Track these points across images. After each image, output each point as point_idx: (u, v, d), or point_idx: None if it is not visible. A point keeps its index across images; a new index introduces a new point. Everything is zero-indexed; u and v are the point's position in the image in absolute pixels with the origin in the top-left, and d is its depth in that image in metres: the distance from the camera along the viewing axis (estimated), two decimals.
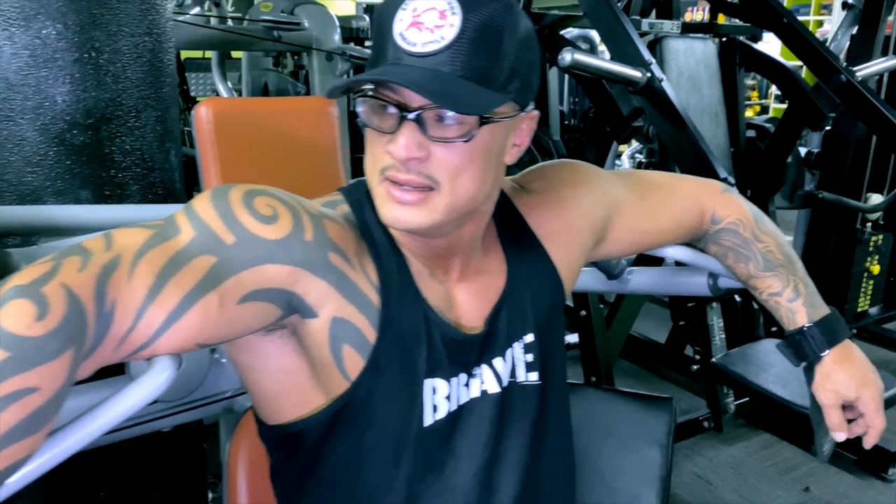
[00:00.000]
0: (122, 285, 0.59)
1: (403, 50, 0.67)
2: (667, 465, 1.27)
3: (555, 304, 0.89)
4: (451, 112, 0.67)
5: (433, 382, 0.79)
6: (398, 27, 0.68)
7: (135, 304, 0.60)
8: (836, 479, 2.36)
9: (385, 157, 0.70)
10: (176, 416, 1.29)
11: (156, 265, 0.61)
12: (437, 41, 0.66)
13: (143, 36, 1.47)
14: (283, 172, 1.19)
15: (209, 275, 0.64)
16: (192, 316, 0.62)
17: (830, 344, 0.95)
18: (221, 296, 0.64)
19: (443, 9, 0.67)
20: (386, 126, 0.70)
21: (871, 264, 3.24)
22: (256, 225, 0.68)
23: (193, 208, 0.68)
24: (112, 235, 0.62)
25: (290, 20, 2.48)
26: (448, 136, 0.68)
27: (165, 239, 0.64)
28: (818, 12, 7.17)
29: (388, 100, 0.68)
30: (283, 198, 0.72)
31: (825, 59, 2.40)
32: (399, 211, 0.71)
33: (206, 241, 0.65)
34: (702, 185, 1.03)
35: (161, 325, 0.61)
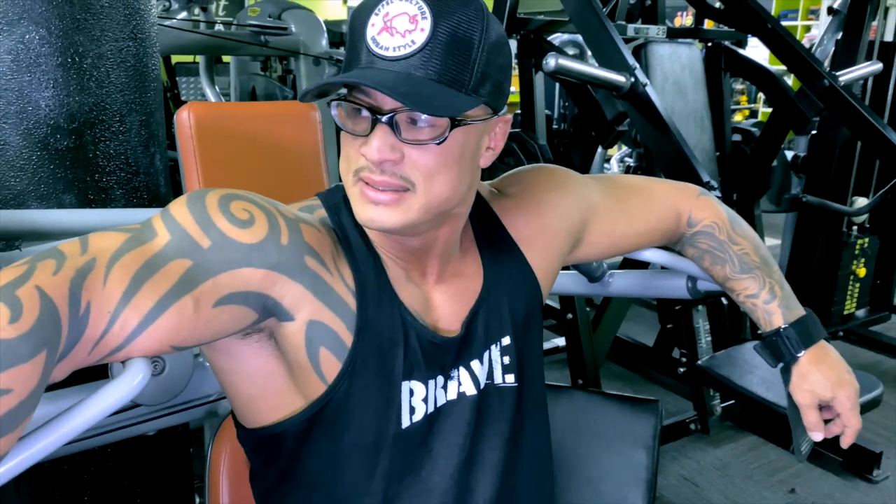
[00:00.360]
0: (96, 288, 0.59)
1: (375, 54, 0.68)
2: (653, 466, 1.27)
3: (532, 306, 0.90)
4: (424, 115, 0.68)
5: (410, 385, 0.80)
6: (370, 32, 0.69)
7: (109, 307, 0.60)
8: (822, 480, 2.38)
9: (359, 158, 0.71)
10: (160, 419, 1.30)
11: (130, 269, 0.62)
12: (408, 45, 0.67)
13: (127, 40, 1.47)
14: (266, 177, 1.20)
15: (184, 278, 0.64)
16: (167, 319, 0.63)
17: (806, 345, 0.97)
18: (197, 299, 0.65)
19: (413, 14, 0.68)
20: (359, 129, 0.70)
21: (857, 267, 3.27)
22: (232, 229, 0.68)
23: (170, 212, 0.69)
24: (88, 239, 0.63)
25: (278, 25, 2.49)
26: (420, 139, 0.69)
27: (141, 242, 0.65)
28: (806, 17, 7.22)
29: (360, 103, 0.69)
30: (260, 202, 0.73)
31: (808, 64, 2.42)
32: (374, 211, 0.71)
33: (181, 245, 0.66)
34: (678, 189, 1.04)
35: (135, 328, 0.61)
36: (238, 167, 1.18)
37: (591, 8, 2.10)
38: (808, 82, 2.42)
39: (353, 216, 0.79)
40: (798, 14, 7.26)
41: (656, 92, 2.08)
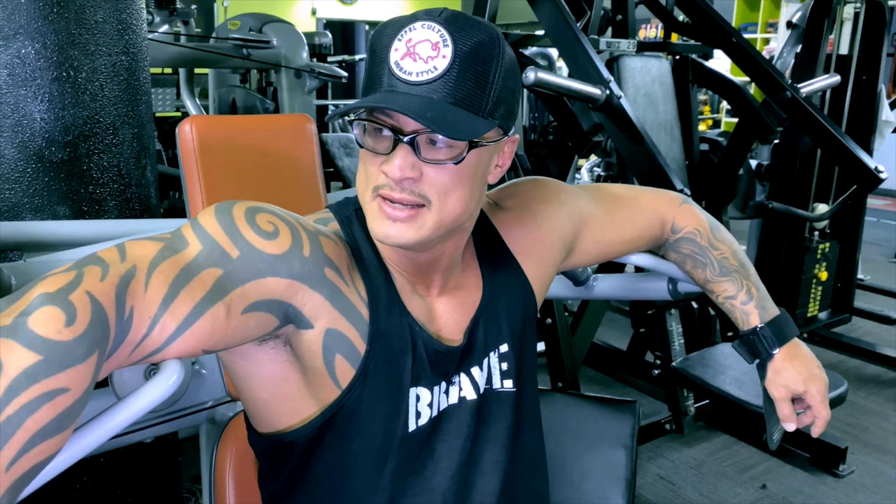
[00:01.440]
0: (139, 294, 0.63)
1: (398, 77, 0.72)
2: (632, 465, 1.32)
3: (528, 315, 0.95)
4: (443, 136, 0.72)
5: (417, 391, 0.84)
6: (394, 56, 0.72)
7: (150, 311, 0.64)
8: (791, 476, 2.47)
9: (379, 176, 0.75)
10: (158, 426, 1.32)
11: (168, 276, 0.66)
12: (430, 71, 0.71)
13: (120, 55, 1.50)
14: (265, 189, 1.23)
15: (216, 286, 0.68)
16: (202, 324, 0.67)
17: (780, 342, 1.03)
18: (228, 306, 0.69)
19: (436, 41, 0.72)
20: (381, 147, 0.74)
21: (819, 271, 3.39)
22: (259, 240, 0.72)
23: (200, 223, 0.73)
24: (125, 247, 0.67)
25: (260, 38, 2.52)
26: (439, 158, 0.73)
27: (175, 251, 0.69)
28: (765, 30, 7.45)
29: (383, 124, 0.74)
30: (283, 215, 0.77)
31: (772, 77, 2.53)
32: (391, 227, 0.75)
33: (212, 255, 0.70)
34: (663, 198, 1.10)
35: (173, 332, 0.65)
36: (239, 179, 1.21)
37: (566, 23, 2.17)
38: (771, 94, 2.52)
39: (364, 229, 0.84)
40: (758, 27, 7.49)
41: (629, 103, 2.15)
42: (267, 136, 1.26)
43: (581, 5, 2.51)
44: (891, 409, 2.96)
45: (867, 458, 2.57)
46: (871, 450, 2.63)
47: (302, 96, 2.58)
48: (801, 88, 2.55)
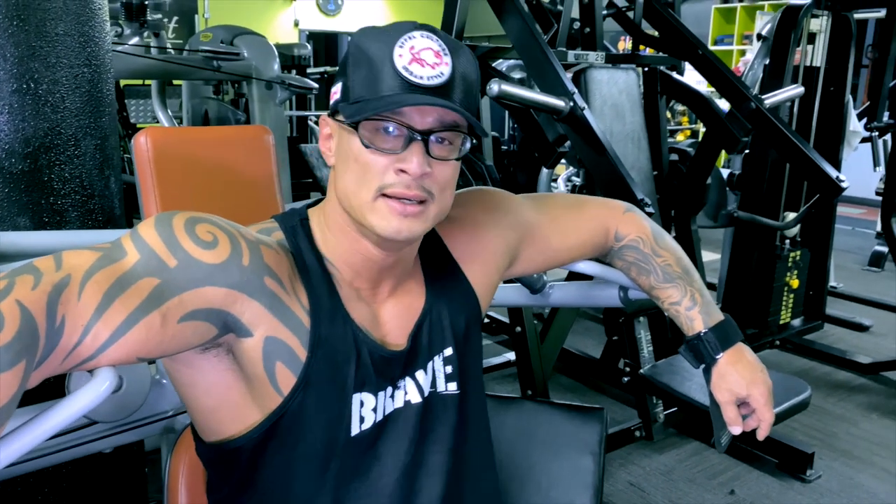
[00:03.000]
0: (71, 303, 0.64)
1: (410, 81, 0.76)
2: (599, 472, 1.33)
3: (471, 320, 0.97)
4: (446, 134, 0.79)
5: (361, 396, 0.86)
6: (399, 62, 0.77)
7: (83, 320, 0.65)
8: (759, 481, 2.50)
9: (387, 175, 0.78)
10: (117, 436, 1.32)
11: (103, 285, 0.67)
12: (439, 76, 0.77)
13: (82, 67, 1.51)
14: (222, 199, 1.25)
15: (153, 295, 0.70)
16: (136, 333, 0.68)
17: (724, 347, 1.05)
18: (164, 315, 0.70)
19: (437, 49, 0.78)
20: (390, 146, 0.78)
21: (790, 279, 3.44)
22: (197, 250, 0.74)
23: (139, 233, 0.74)
24: (62, 256, 0.68)
25: (230, 50, 2.53)
26: (445, 156, 0.80)
27: (112, 261, 0.70)
28: (741, 42, 7.56)
29: (400, 122, 0.78)
30: (223, 225, 0.79)
31: (736, 88, 2.58)
32: (402, 223, 0.79)
33: (150, 264, 0.71)
34: (606, 206, 1.13)
35: (106, 339, 0.67)
36: (195, 190, 1.22)
37: (532, 36, 2.21)
38: (736, 105, 2.57)
39: (309, 239, 0.86)
40: (733, 39, 7.60)
41: (595, 115, 2.19)
42: (224, 148, 1.27)
43: (549, 19, 2.56)
44: (859, 414, 3.00)
45: (834, 464, 2.60)
46: (839, 455, 2.67)
47: (273, 108, 2.60)
48: (765, 100, 2.60)
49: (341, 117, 0.80)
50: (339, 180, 0.83)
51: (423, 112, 0.78)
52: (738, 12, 7.61)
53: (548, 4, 2.75)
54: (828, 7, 3.28)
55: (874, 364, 3.38)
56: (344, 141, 0.81)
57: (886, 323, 3.99)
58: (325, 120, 0.85)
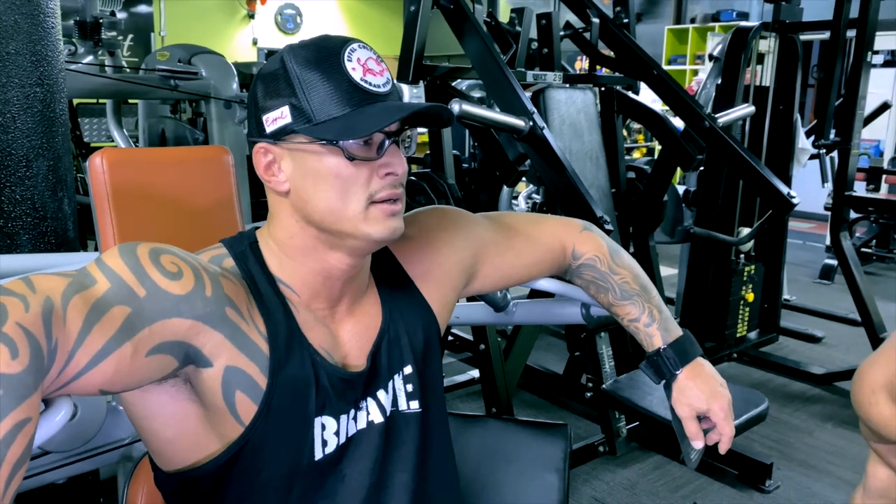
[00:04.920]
0: (60, 326, 0.64)
1: (371, 91, 0.80)
2: (564, 488, 1.33)
3: (429, 337, 0.97)
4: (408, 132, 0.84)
5: (322, 420, 0.85)
6: (354, 74, 0.79)
7: (69, 346, 0.64)
8: (721, 493, 2.53)
9: (373, 182, 0.81)
10: (71, 466, 1.28)
11: (82, 310, 0.66)
12: (387, 82, 0.82)
13: (34, 86, 1.48)
14: (181, 221, 1.23)
15: (125, 324, 0.69)
16: (108, 364, 0.67)
17: (683, 362, 1.06)
18: (135, 346, 0.69)
19: (375, 58, 0.82)
20: (370, 154, 0.80)
21: (746, 292, 3.51)
22: (164, 280, 0.73)
23: (105, 262, 0.73)
24: (31, 279, 0.66)
25: (188, 69, 2.51)
26: (404, 153, 0.84)
27: (83, 287, 0.69)
28: (693, 62, 7.77)
29: (382, 130, 0.80)
30: (184, 256, 0.78)
31: (690, 107, 2.65)
32: (395, 221, 0.82)
33: (120, 293, 0.70)
34: (563, 224, 1.14)
35: (82, 368, 0.66)
36: (153, 212, 1.20)
37: (491, 56, 2.24)
38: (691, 123, 2.64)
39: (259, 264, 0.85)
40: (686, 59, 7.81)
41: (554, 134, 2.22)
42: (183, 169, 1.26)
43: (507, 39, 2.59)
44: (815, 424, 3.07)
45: (792, 473, 2.66)
46: (796, 465, 2.72)
47: (232, 127, 2.58)
48: (718, 118, 2.67)
49: (304, 139, 0.79)
50: (312, 201, 0.81)
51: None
52: (690, 33, 7.83)
53: (506, 25, 2.79)
54: (775, 29, 3.39)
55: (828, 374, 3.47)
56: (310, 162, 0.80)
57: (838, 334, 4.11)
58: (265, 147, 0.82)
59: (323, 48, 0.80)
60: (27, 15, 1.44)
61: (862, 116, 3.37)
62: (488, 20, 2.73)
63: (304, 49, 0.81)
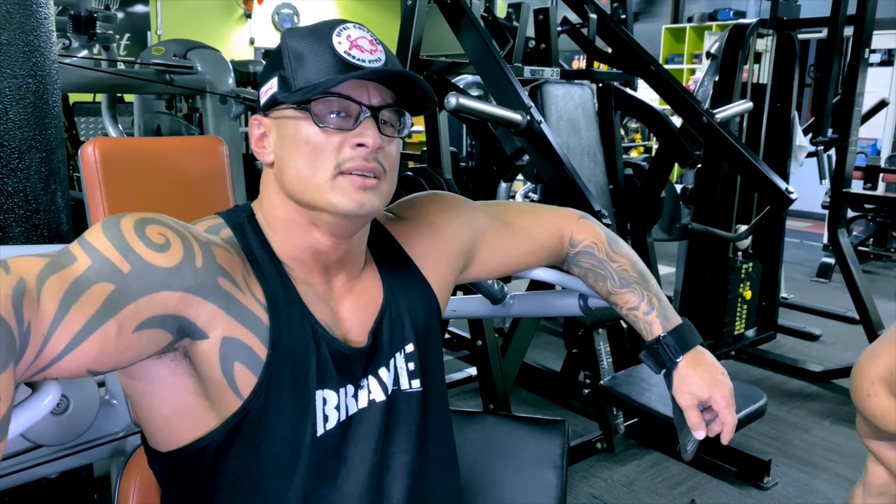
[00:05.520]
0: (33, 308, 0.61)
1: (354, 64, 0.80)
2: (562, 485, 1.32)
3: (430, 315, 0.97)
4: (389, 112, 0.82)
5: (323, 394, 0.84)
6: (339, 48, 0.80)
7: (44, 328, 0.62)
8: (719, 490, 2.52)
9: (344, 151, 0.79)
10: (63, 460, 1.27)
11: (58, 291, 0.64)
12: (377, 60, 0.81)
13: (26, 77, 1.46)
14: (174, 213, 1.21)
15: (108, 302, 0.67)
16: (91, 343, 0.65)
17: (683, 350, 1.05)
18: (119, 323, 0.67)
19: (370, 38, 0.83)
20: (343, 125, 0.79)
21: (744, 290, 3.51)
22: (150, 253, 0.72)
23: (87, 239, 0.71)
24: (7, 262, 0.64)
25: (183, 64, 2.49)
26: (390, 134, 0.82)
27: (62, 266, 0.67)
28: (690, 61, 7.78)
29: (354, 99, 0.79)
30: (173, 225, 0.76)
31: (688, 103, 2.64)
32: (363, 196, 0.80)
33: (102, 269, 0.68)
34: (560, 213, 1.13)
35: (63, 349, 0.63)
36: (146, 203, 1.19)
37: (488, 51, 2.23)
38: (688, 119, 2.63)
39: (258, 235, 0.85)
40: (683, 58, 7.81)
41: (552, 129, 2.21)
42: (176, 159, 1.24)
43: (505, 35, 2.58)
44: (813, 422, 3.06)
45: (790, 470, 2.65)
46: (795, 462, 2.72)
47: (228, 122, 2.56)
48: (716, 114, 2.66)
49: (283, 106, 0.81)
50: (287, 170, 0.82)
51: (370, 92, 0.81)
52: (687, 32, 7.84)
53: (503, 21, 2.78)
54: (772, 27, 3.39)
55: (825, 372, 3.46)
56: (288, 129, 0.82)
57: (835, 332, 4.10)
58: (258, 119, 0.86)
59: (316, 27, 0.83)
60: (19, 5, 1.43)
61: (860, 114, 3.37)
62: (485, 15, 2.72)
63: (301, 29, 0.83)
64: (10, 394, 0.57)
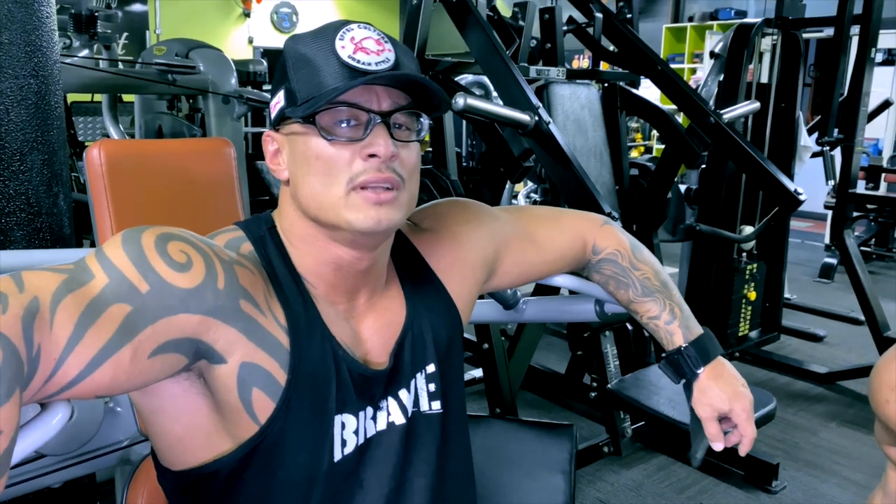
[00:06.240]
0: (45, 331, 0.58)
1: (358, 69, 0.75)
2: (570, 491, 1.30)
3: (453, 334, 0.93)
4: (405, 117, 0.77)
5: (342, 418, 0.81)
6: (344, 52, 0.75)
7: (56, 353, 0.59)
8: (727, 493, 2.50)
9: (355, 164, 0.75)
10: (67, 470, 1.24)
11: (74, 313, 0.61)
12: (385, 61, 0.76)
13: (28, 78, 1.43)
14: (181, 216, 1.18)
15: (124, 325, 0.64)
16: (104, 371, 0.62)
17: (704, 361, 1.03)
18: (135, 349, 0.64)
19: (376, 38, 0.77)
20: (353, 135, 0.75)
21: (748, 291, 3.49)
22: (170, 273, 0.68)
23: (105, 254, 0.68)
24: (22, 277, 0.61)
25: (185, 64, 2.46)
26: (405, 138, 0.78)
27: (79, 284, 0.63)
28: (691, 60, 7.76)
29: (362, 108, 0.75)
30: (196, 242, 0.73)
31: (695, 103, 2.61)
32: (379, 212, 0.75)
33: (120, 289, 0.65)
34: (583, 219, 1.10)
35: (75, 377, 0.61)
36: (152, 207, 1.16)
37: (495, 51, 2.20)
38: (696, 120, 2.60)
39: (279, 249, 0.82)
40: (684, 57, 7.79)
41: (558, 129, 2.18)
42: (183, 161, 1.21)
43: (510, 34, 2.56)
44: (819, 424, 3.04)
45: (798, 474, 2.63)
46: (802, 465, 2.70)
47: (230, 123, 2.53)
48: (723, 114, 2.64)
49: (291, 121, 0.78)
50: (301, 188, 0.78)
51: (379, 96, 0.76)
52: (688, 32, 7.81)
53: (509, 20, 2.75)
54: (778, 25, 3.37)
55: (831, 374, 3.44)
56: (298, 146, 0.78)
57: (839, 333, 4.09)
58: (270, 135, 0.82)
59: (320, 31, 0.78)
60: (21, 4, 1.40)
61: (866, 113, 3.34)
62: (491, 14, 2.69)
63: (304, 35, 0.79)
64: (15, 425, 0.55)
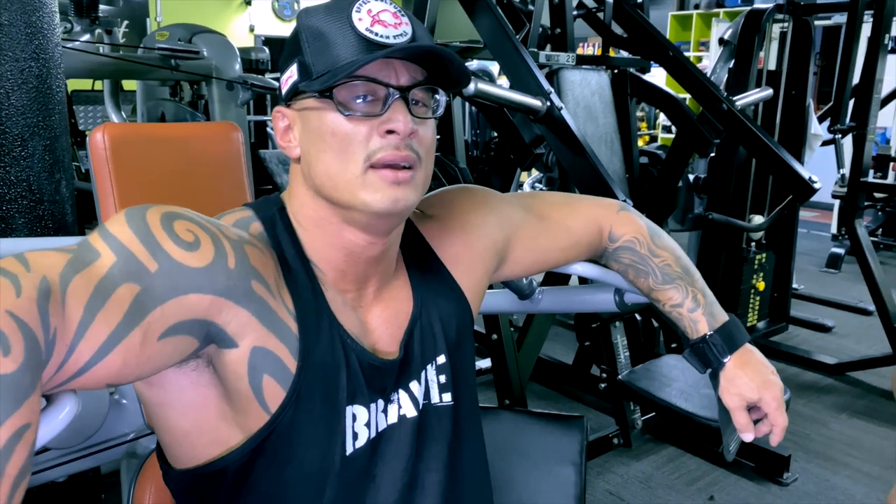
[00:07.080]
0: (58, 314, 0.55)
1: (376, 42, 0.72)
2: (581, 483, 1.29)
3: (463, 324, 0.90)
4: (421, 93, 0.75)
5: (353, 409, 0.78)
6: (361, 25, 0.72)
7: (68, 338, 0.56)
8: (738, 486, 2.47)
9: (372, 140, 0.72)
10: (71, 463, 1.21)
11: (83, 296, 0.58)
12: (403, 34, 0.74)
13: (28, 61, 1.39)
14: (188, 203, 1.14)
15: (134, 306, 0.61)
16: (115, 356, 0.59)
17: (731, 350, 0.99)
18: (145, 332, 0.61)
19: (393, 11, 0.74)
20: (371, 110, 0.73)
21: (756, 281, 3.46)
22: (179, 252, 0.65)
23: (111, 232, 0.65)
24: (26, 257, 0.57)
25: (189, 49, 2.41)
26: (423, 114, 0.75)
27: (85, 264, 0.60)
28: (697, 49, 7.69)
29: (381, 82, 0.72)
30: (201, 222, 0.70)
31: (708, 90, 2.57)
32: (396, 191, 0.73)
33: (128, 268, 0.62)
34: (599, 205, 1.06)
35: (86, 362, 0.58)
36: (158, 192, 1.12)
37: (506, 36, 2.15)
38: (708, 107, 2.55)
39: (289, 232, 0.78)
40: (690, 45, 7.73)
41: (569, 115, 2.14)
42: (189, 146, 1.17)
43: (520, 19, 2.51)
44: (829, 415, 3.01)
45: (809, 466, 2.60)
46: (813, 456, 2.67)
47: (234, 109, 2.49)
48: (736, 101, 2.59)
49: (305, 96, 0.75)
50: (315, 165, 0.75)
51: (398, 71, 0.74)
52: (694, 20, 7.74)
53: (518, 4, 2.70)
54: (789, 11, 3.31)
55: (840, 365, 3.41)
56: (313, 121, 0.75)
57: (848, 323, 4.05)
58: (281, 111, 0.79)
59: (336, 3, 0.75)
60: None
61: (878, 101, 3.29)
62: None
63: (317, 7, 0.76)
64: (38, 416, 0.52)
